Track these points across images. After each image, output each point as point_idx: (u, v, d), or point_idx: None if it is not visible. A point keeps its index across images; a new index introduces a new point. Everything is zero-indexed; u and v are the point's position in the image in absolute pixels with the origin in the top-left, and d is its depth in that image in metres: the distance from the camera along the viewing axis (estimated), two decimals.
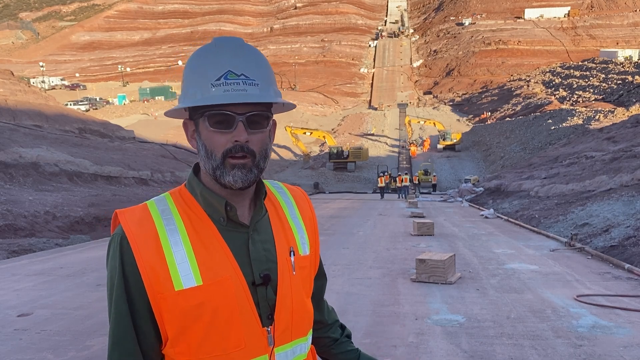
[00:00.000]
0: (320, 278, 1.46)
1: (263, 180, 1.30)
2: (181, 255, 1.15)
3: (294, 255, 1.27)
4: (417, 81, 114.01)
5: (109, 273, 1.20)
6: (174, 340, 1.16)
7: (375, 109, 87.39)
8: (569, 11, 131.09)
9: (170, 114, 1.26)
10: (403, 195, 32.35)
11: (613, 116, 41.47)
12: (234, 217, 1.20)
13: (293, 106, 1.28)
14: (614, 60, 79.90)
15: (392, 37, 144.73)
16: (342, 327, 1.53)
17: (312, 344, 1.37)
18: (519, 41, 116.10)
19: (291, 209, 1.35)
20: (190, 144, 1.23)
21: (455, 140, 57.13)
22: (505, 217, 16.69)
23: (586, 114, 45.71)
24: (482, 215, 17.79)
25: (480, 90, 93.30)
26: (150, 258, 1.14)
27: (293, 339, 1.25)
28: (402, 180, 33.57)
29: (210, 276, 1.15)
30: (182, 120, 1.26)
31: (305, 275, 1.30)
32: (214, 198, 1.20)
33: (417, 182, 41.11)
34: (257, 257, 1.20)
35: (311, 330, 1.34)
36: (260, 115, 1.17)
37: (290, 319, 1.23)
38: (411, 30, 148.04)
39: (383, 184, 33.84)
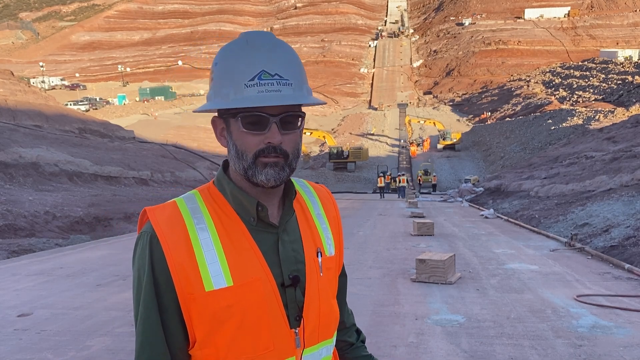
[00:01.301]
0: (342, 276, 1.44)
1: (291, 179, 1.28)
2: (212, 256, 1.13)
3: (321, 256, 1.25)
4: (417, 81, 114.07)
5: (136, 272, 1.17)
6: (202, 342, 1.14)
7: (375, 109, 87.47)
8: (569, 11, 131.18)
9: (200, 111, 1.23)
10: (401, 195, 32.80)
11: (613, 116, 41.48)
12: (264, 218, 1.18)
13: (323, 102, 1.25)
14: (614, 60, 79.94)
15: (392, 37, 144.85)
16: (358, 332, 1.51)
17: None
18: (519, 41, 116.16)
19: (317, 208, 1.33)
20: (219, 142, 1.21)
21: (455, 140, 57.22)
22: (505, 217, 16.69)
23: (586, 114, 45.72)
24: (482, 215, 17.79)
25: (480, 90, 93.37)
26: (180, 257, 1.12)
27: (320, 341, 1.23)
28: (400, 181, 34.22)
29: (240, 277, 1.13)
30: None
31: (331, 276, 1.29)
32: (245, 198, 1.18)
33: (421, 182, 41.31)
34: (287, 258, 1.19)
35: (336, 331, 1.32)
36: (293, 116, 1.14)
37: (318, 321, 1.22)
38: (411, 30, 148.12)
39: (383, 184, 34.24)
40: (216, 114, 1.20)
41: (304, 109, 1.26)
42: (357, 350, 1.47)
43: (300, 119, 1.16)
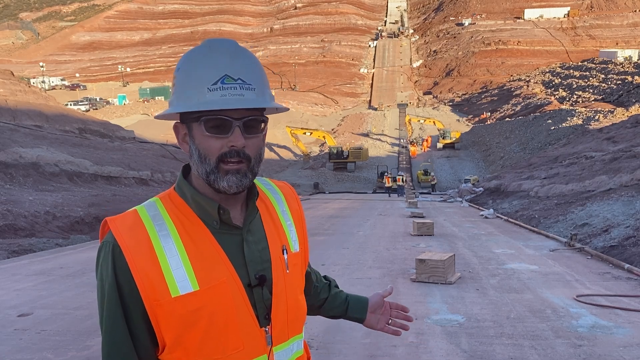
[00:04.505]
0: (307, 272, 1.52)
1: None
2: (176, 261, 1.13)
3: (286, 253, 1.27)
4: (417, 81, 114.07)
5: (99, 282, 1.17)
6: (171, 347, 1.15)
7: (375, 109, 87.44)
8: (568, 11, 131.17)
9: (161, 116, 1.24)
10: (400, 194, 33.64)
11: (613, 116, 41.49)
12: (227, 220, 1.19)
13: (286, 109, 1.28)
14: (613, 60, 79.97)
15: (392, 37, 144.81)
16: (330, 285, 1.59)
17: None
18: (518, 41, 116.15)
19: (281, 205, 1.35)
20: (181, 147, 1.22)
21: (455, 139, 57.34)
22: (505, 217, 16.68)
23: (586, 114, 45.73)
24: (482, 215, 17.79)
25: (480, 91, 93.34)
26: (144, 265, 1.12)
27: (290, 337, 1.26)
28: (397, 180, 35.48)
29: (206, 281, 1.14)
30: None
31: (297, 272, 1.31)
32: (206, 201, 1.18)
33: (431, 182, 41.54)
34: (252, 258, 1.20)
35: (303, 325, 1.36)
36: (256, 120, 1.16)
37: (286, 317, 1.24)
38: (411, 31, 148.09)
39: (390, 184, 35.52)
40: (178, 119, 1.21)
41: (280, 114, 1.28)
42: (332, 302, 1.56)
43: (263, 123, 1.18)
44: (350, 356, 4.53)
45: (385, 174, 39.84)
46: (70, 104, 65.42)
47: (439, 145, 58.02)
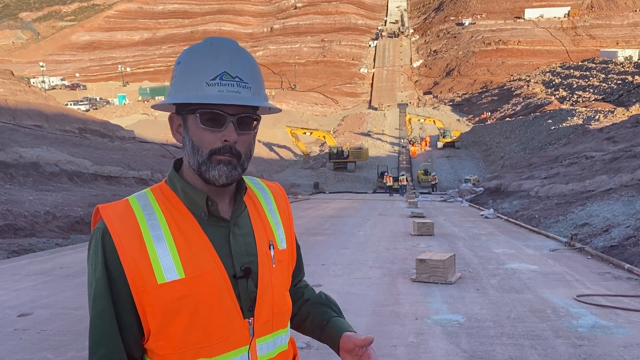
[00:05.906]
0: (299, 274, 1.50)
1: (243, 177, 1.34)
2: (163, 249, 1.17)
3: (273, 248, 1.30)
4: (417, 81, 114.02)
5: (90, 267, 1.21)
6: (156, 334, 1.18)
7: (375, 109, 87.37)
8: (569, 11, 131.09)
9: (158, 106, 1.28)
10: (402, 194, 34.00)
11: (613, 116, 41.47)
12: (215, 212, 1.23)
13: (279, 110, 1.33)
14: (613, 60, 79.93)
15: (392, 37, 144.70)
16: (319, 297, 1.51)
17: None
18: (519, 41, 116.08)
19: (269, 204, 1.38)
20: (175, 138, 1.27)
21: (455, 138, 57.38)
22: (505, 217, 16.68)
23: (586, 114, 45.70)
24: (482, 215, 17.78)
25: (480, 90, 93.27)
26: (132, 252, 1.16)
27: (274, 330, 1.28)
28: (405, 180, 36.06)
29: (192, 269, 1.17)
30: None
31: (283, 268, 1.34)
32: (195, 193, 1.22)
33: (435, 182, 41.65)
34: (238, 250, 1.23)
35: (289, 321, 1.37)
36: (250, 117, 1.21)
37: (271, 311, 1.26)
38: (411, 30, 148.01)
39: (392, 183, 35.91)
40: (174, 110, 1.25)
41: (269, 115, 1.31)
42: (314, 307, 1.47)
43: (255, 122, 1.23)
44: None
45: (386, 173, 39.96)
46: (70, 104, 65.40)
47: (439, 144, 58.02)
